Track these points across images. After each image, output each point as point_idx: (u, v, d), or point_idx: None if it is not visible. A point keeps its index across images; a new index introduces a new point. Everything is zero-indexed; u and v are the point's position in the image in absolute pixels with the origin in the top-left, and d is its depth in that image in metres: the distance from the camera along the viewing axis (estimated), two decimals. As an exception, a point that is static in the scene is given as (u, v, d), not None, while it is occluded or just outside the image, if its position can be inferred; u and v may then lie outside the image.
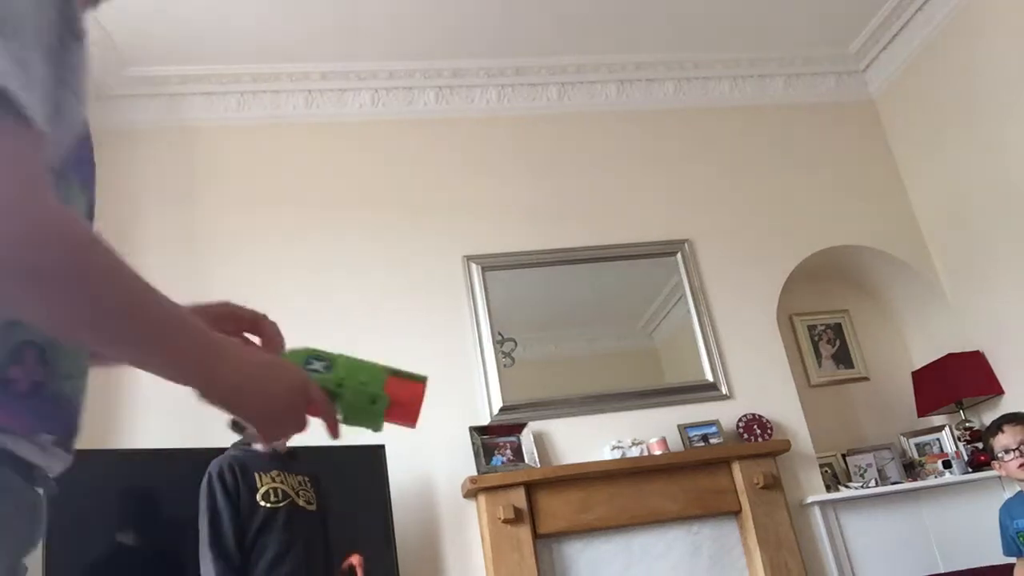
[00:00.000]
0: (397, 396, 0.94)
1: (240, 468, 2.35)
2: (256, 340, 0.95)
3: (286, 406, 0.82)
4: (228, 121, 3.99)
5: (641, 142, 4.31)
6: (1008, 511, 2.83)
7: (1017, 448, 2.63)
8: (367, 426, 0.92)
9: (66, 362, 0.78)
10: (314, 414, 0.86)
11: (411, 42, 4.00)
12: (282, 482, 2.35)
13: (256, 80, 4.01)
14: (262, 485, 2.33)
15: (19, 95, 0.63)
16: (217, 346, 0.79)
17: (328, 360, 0.93)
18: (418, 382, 0.97)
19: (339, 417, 0.91)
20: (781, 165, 4.38)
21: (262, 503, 2.31)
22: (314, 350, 0.93)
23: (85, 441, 2.90)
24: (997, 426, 2.73)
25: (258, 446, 1.25)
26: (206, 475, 2.38)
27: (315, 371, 0.90)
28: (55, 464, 0.79)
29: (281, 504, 2.31)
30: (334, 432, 0.89)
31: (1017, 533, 2.77)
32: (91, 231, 0.71)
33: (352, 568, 1.66)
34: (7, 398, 0.71)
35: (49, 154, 0.69)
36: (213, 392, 0.78)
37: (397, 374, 0.96)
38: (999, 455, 2.70)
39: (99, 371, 0.89)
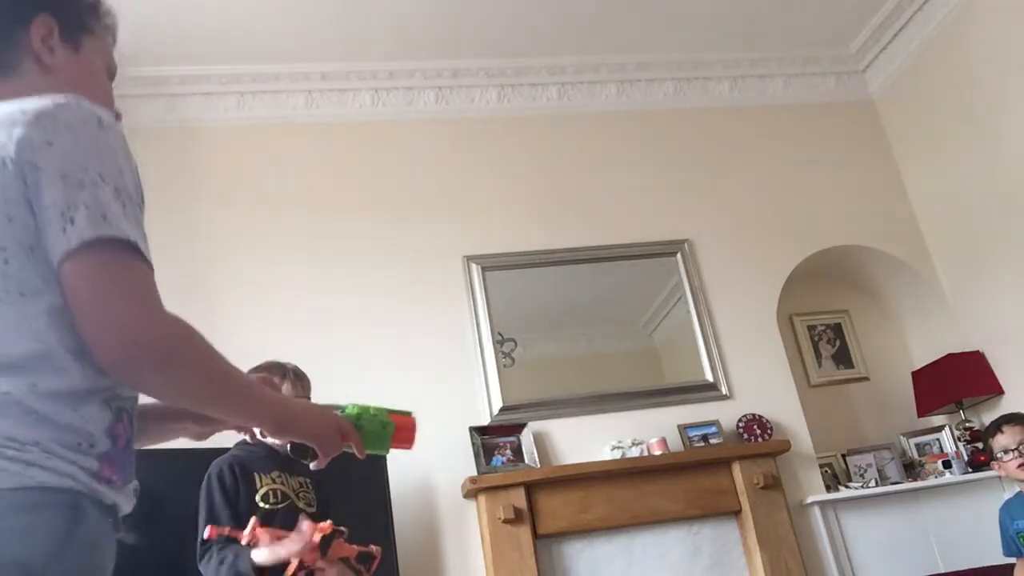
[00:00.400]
0: (399, 424, 1.28)
1: (240, 468, 2.34)
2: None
3: (331, 434, 1.16)
4: (228, 121, 3.99)
5: (641, 142, 4.31)
6: (1008, 511, 2.84)
7: (1016, 448, 2.65)
8: (378, 450, 1.25)
9: (133, 418, 1.01)
10: (345, 441, 1.19)
11: (411, 42, 4.00)
12: (283, 483, 2.35)
13: (256, 80, 4.01)
14: (262, 486, 2.32)
15: (141, 246, 0.94)
16: (277, 397, 1.16)
17: (340, 408, 1.23)
18: (410, 415, 1.32)
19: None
20: (781, 165, 4.38)
21: (261, 504, 2.30)
22: (331, 404, 1.25)
23: (85, 441, 2.81)
24: (997, 427, 2.75)
25: (313, 465, 1.37)
26: (206, 475, 2.37)
27: (338, 411, 1.21)
28: (128, 507, 1.02)
29: (280, 506, 2.30)
30: (361, 453, 1.23)
31: (1017, 533, 2.77)
32: (190, 326, 0.98)
33: (371, 555, 1.69)
34: (114, 451, 0.94)
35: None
36: (283, 428, 1.11)
37: (393, 411, 1.29)
38: (998, 455, 2.72)
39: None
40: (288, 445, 1.38)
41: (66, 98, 0.97)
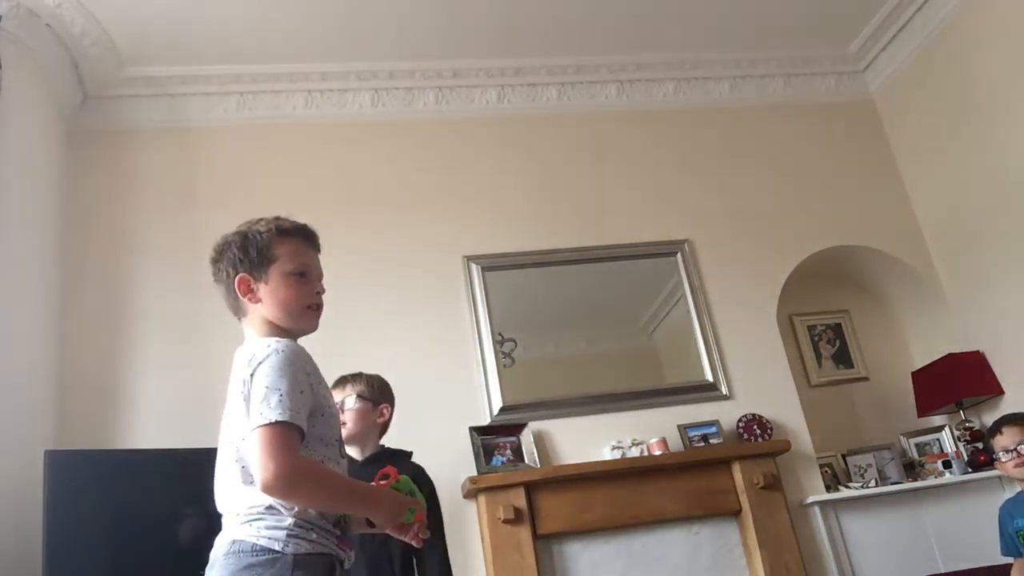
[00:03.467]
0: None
1: None
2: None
3: (399, 517, 1.59)
4: (228, 121, 3.99)
5: (641, 142, 4.31)
6: (1008, 511, 2.85)
7: (1015, 449, 2.68)
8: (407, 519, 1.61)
9: (351, 518, 1.60)
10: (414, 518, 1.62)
11: (411, 42, 4.00)
12: None
13: (256, 80, 4.01)
14: None
15: (286, 419, 1.44)
16: (373, 495, 1.59)
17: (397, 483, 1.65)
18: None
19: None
20: (781, 165, 4.38)
21: None
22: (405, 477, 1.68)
23: (85, 441, 2.90)
24: (997, 428, 2.78)
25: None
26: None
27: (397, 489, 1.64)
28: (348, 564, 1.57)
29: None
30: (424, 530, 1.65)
31: (1017, 532, 2.78)
32: (316, 464, 1.51)
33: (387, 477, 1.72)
34: (346, 536, 1.55)
35: (314, 434, 1.52)
36: (377, 517, 1.58)
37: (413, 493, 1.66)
38: (998, 455, 2.76)
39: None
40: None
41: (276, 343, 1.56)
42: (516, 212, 4.02)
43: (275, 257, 1.65)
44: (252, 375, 1.50)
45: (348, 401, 2.49)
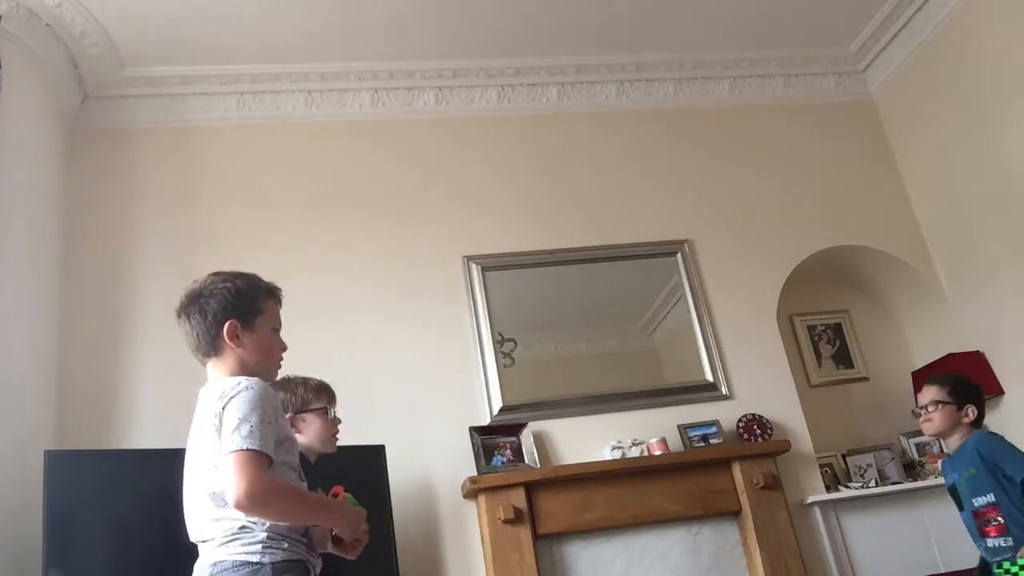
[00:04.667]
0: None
1: None
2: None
3: (358, 524, 1.83)
4: (228, 121, 3.99)
5: (641, 142, 4.31)
6: (943, 470, 2.94)
7: (925, 407, 2.80)
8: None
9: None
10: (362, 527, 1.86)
11: (411, 42, 4.00)
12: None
13: (256, 80, 4.01)
14: None
15: (256, 447, 1.59)
16: (335, 506, 1.84)
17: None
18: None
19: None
20: (781, 165, 4.38)
21: None
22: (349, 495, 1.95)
23: (85, 441, 2.90)
24: (919, 385, 2.92)
25: (350, 556, 1.91)
26: None
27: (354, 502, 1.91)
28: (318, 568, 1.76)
29: None
30: (365, 538, 1.91)
31: (948, 489, 2.87)
32: (283, 482, 1.67)
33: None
34: (311, 544, 1.73)
35: (280, 460, 1.67)
36: (341, 526, 1.81)
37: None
38: (919, 412, 2.87)
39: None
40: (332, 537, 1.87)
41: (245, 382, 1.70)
42: (516, 212, 4.02)
43: (262, 311, 1.84)
44: (224, 408, 1.65)
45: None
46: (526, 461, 3.50)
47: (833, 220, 4.29)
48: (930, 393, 2.80)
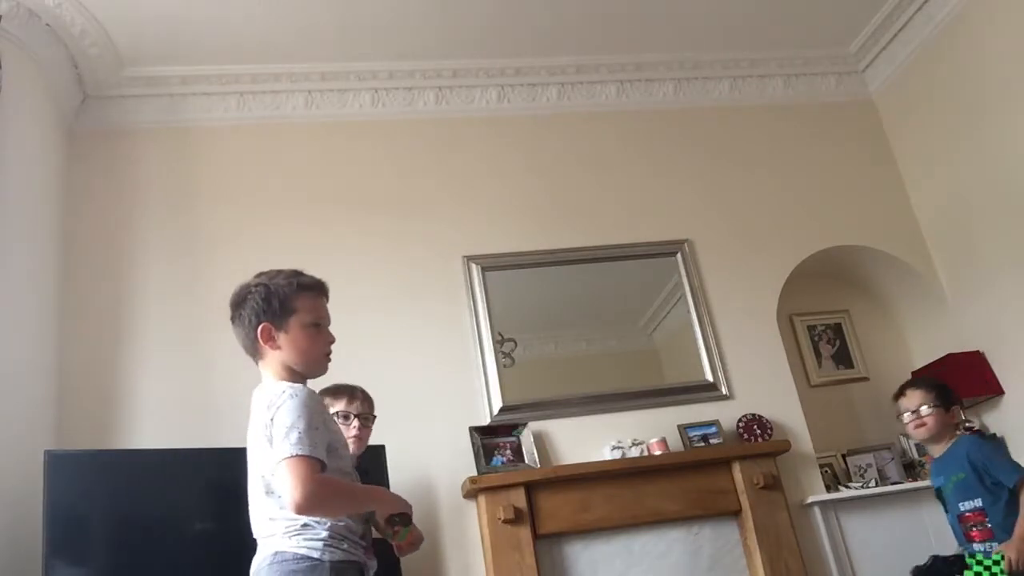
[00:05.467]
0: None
1: None
2: None
3: (404, 505, 1.91)
4: (228, 121, 3.99)
5: (641, 142, 4.31)
6: (931, 472, 2.93)
7: (915, 411, 2.79)
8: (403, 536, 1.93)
9: (369, 531, 1.85)
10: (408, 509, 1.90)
11: (411, 42, 4.00)
12: None
13: (256, 80, 4.01)
14: None
15: (306, 453, 1.65)
16: (380, 493, 1.96)
17: None
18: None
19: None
20: (781, 165, 4.38)
21: None
22: None
23: (85, 441, 2.90)
24: (901, 390, 2.89)
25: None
26: None
27: None
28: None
29: None
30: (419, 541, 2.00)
31: (935, 492, 2.87)
32: (334, 480, 1.72)
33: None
34: (370, 546, 1.80)
35: (332, 467, 1.72)
36: (391, 508, 1.88)
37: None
38: (901, 416, 2.86)
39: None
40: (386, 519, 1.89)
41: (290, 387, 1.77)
42: (516, 212, 4.02)
43: (295, 309, 1.84)
44: (272, 418, 1.71)
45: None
46: (526, 461, 3.50)
47: (833, 220, 4.29)
48: (918, 397, 2.80)
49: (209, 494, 2.96)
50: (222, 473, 2.72)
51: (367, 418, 2.79)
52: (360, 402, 2.77)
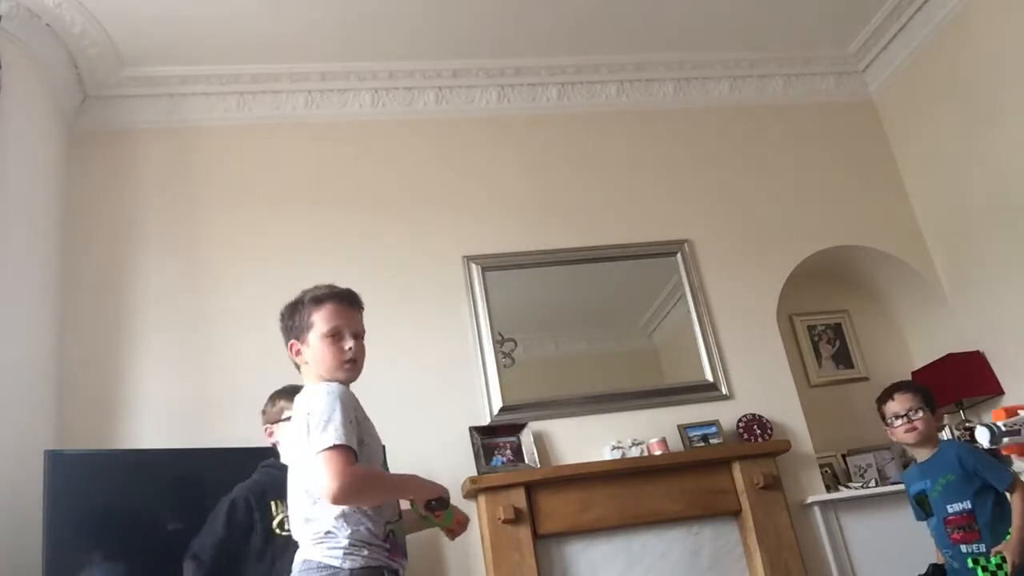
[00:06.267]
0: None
1: (258, 498, 2.44)
2: None
3: (435, 489, 1.95)
4: (228, 121, 3.99)
5: (641, 142, 4.31)
6: (907, 478, 2.95)
7: (905, 415, 2.79)
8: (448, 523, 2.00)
9: (400, 532, 1.88)
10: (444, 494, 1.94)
11: (411, 42, 4.00)
12: None
13: (256, 80, 4.01)
14: (277, 513, 2.39)
15: (342, 442, 1.73)
16: (414, 480, 1.95)
17: None
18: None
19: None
20: (781, 165, 4.38)
21: (277, 531, 2.37)
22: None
23: (85, 441, 2.90)
24: (888, 394, 2.88)
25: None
26: (227, 499, 2.47)
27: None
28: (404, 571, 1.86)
29: None
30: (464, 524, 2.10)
31: (914, 497, 2.88)
32: (368, 470, 1.81)
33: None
34: (396, 548, 1.84)
35: (363, 457, 1.79)
36: (419, 497, 1.92)
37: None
38: (889, 421, 2.85)
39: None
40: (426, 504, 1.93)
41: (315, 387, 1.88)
42: (516, 212, 4.02)
43: (312, 324, 1.94)
44: (308, 412, 1.80)
45: None
46: (526, 461, 3.50)
47: (833, 220, 4.29)
48: (908, 400, 2.81)
49: (209, 494, 2.95)
50: (222, 473, 2.72)
51: None
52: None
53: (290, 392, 2.58)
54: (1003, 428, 1.93)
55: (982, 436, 1.93)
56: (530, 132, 4.23)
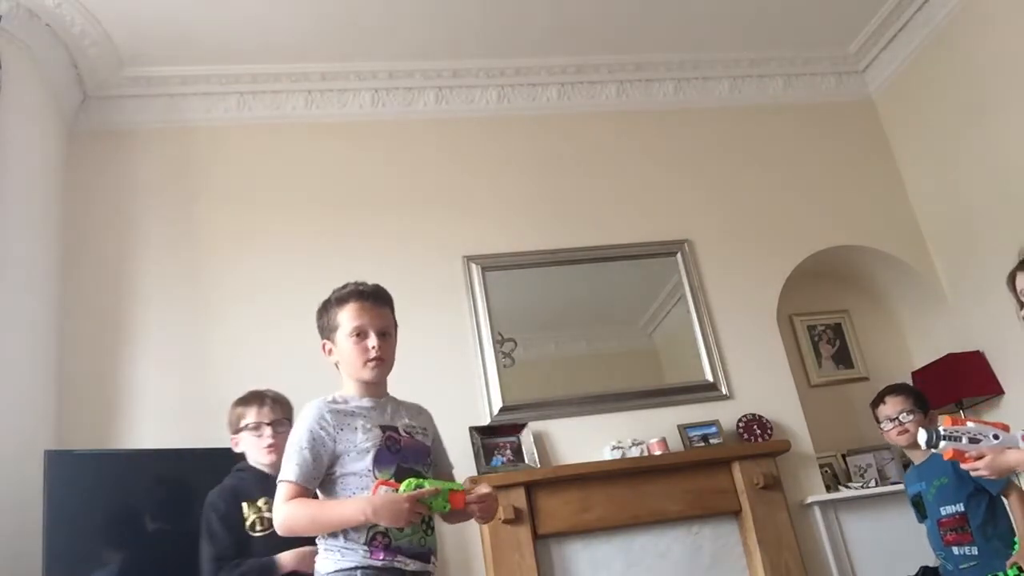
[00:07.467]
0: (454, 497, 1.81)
1: (231, 499, 2.41)
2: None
3: (403, 510, 1.74)
4: (228, 121, 3.99)
5: (641, 142, 4.31)
6: (906, 480, 2.95)
7: (896, 418, 2.79)
8: (441, 507, 1.79)
9: (400, 533, 1.80)
10: (417, 510, 1.76)
11: (411, 42, 4.00)
12: (269, 508, 2.36)
13: (256, 80, 4.01)
14: (249, 514, 2.38)
15: (289, 479, 1.80)
16: (362, 507, 1.75)
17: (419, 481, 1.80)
18: (461, 491, 1.82)
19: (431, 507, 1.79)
20: (780, 165, 4.38)
21: (250, 532, 2.36)
22: (413, 480, 1.79)
23: (85, 441, 2.89)
24: (880, 397, 2.88)
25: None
26: (205, 505, 2.44)
27: (420, 485, 1.78)
28: (414, 566, 1.81)
29: (268, 531, 2.33)
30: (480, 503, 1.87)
31: (912, 499, 2.88)
32: (302, 504, 1.80)
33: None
34: (387, 549, 1.79)
35: (341, 473, 1.84)
36: (381, 520, 1.75)
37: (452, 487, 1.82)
38: (882, 424, 2.85)
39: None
40: None
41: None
42: (516, 212, 4.02)
43: (338, 324, 1.96)
44: (291, 435, 1.89)
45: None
46: (526, 461, 3.50)
47: (833, 220, 4.29)
48: (900, 403, 2.80)
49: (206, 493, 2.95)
50: (222, 474, 2.72)
51: (280, 423, 2.51)
52: (270, 409, 2.55)
53: (247, 400, 2.58)
54: (943, 433, 2.12)
55: (921, 437, 2.17)
56: (530, 132, 4.23)
